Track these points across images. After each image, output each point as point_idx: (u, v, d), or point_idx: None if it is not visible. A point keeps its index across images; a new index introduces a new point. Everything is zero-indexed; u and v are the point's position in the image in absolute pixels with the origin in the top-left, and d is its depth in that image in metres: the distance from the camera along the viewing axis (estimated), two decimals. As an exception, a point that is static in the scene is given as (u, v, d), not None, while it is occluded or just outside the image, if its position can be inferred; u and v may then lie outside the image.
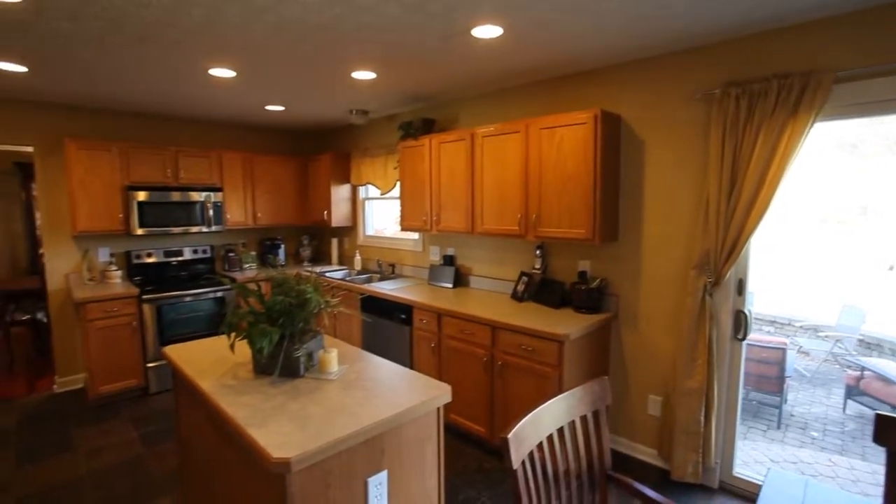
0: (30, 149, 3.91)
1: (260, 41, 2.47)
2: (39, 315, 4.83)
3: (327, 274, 4.50)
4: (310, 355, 1.87)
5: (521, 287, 3.35)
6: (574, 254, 3.19)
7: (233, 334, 1.78)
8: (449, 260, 3.95)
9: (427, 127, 3.78)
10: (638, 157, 2.84)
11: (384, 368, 1.94)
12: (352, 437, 1.41)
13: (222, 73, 3.00)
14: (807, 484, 1.53)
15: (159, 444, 3.14)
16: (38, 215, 6.37)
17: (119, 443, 3.17)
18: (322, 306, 1.82)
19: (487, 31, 2.34)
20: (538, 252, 3.30)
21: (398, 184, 4.28)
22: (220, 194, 4.43)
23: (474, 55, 2.73)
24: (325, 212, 4.79)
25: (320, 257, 5.52)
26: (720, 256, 2.44)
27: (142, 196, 4.01)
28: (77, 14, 2.12)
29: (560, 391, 2.58)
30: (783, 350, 3.81)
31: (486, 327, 2.92)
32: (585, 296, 2.94)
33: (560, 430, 1.49)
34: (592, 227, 2.74)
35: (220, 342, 2.30)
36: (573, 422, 1.54)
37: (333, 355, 1.85)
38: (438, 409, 1.73)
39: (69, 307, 4.03)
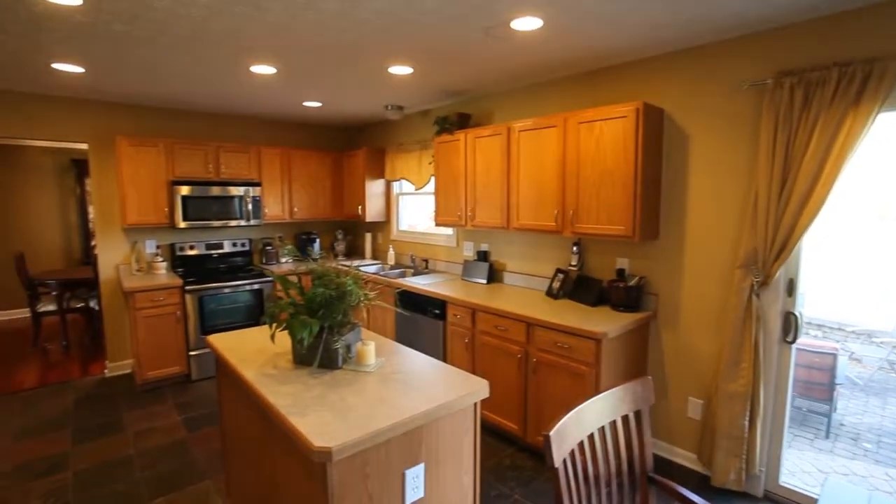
0: (85, 145, 4.12)
1: (300, 37, 2.51)
2: (92, 303, 5.09)
3: (361, 268, 4.55)
4: (348, 347, 1.89)
5: (556, 284, 3.30)
6: (612, 251, 3.11)
7: (274, 325, 1.83)
8: (483, 256, 3.93)
9: (462, 122, 3.76)
10: (681, 150, 2.75)
11: (420, 362, 1.95)
12: (391, 428, 1.42)
13: (263, 69, 3.07)
14: (870, 499, 1.44)
15: (201, 429, 3.26)
16: (90, 209, 6.71)
17: (165, 426, 3.31)
18: (361, 299, 1.83)
19: (527, 24, 2.30)
20: (575, 249, 3.24)
21: (432, 179, 4.30)
22: (258, 189, 4.55)
23: (513, 48, 2.70)
24: (360, 206, 4.85)
25: (354, 251, 5.60)
26: (769, 255, 2.33)
27: (185, 190, 4.16)
28: (130, 16, 2.21)
29: (596, 391, 2.54)
30: (834, 356, 3.61)
31: (521, 324, 2.89)
32: (624, 294, 2.87)
33: (601, 430, 1.46)
34: (632, 224, 2.66)
35: (260, 332, 2.36)
36: (614, 421, 1.50)
37: (371, 348, 1.87)
38: (475, 404, 1.72)
39: (119, 296, 4.23)
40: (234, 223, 4.45)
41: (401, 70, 3.12)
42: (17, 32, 2.43)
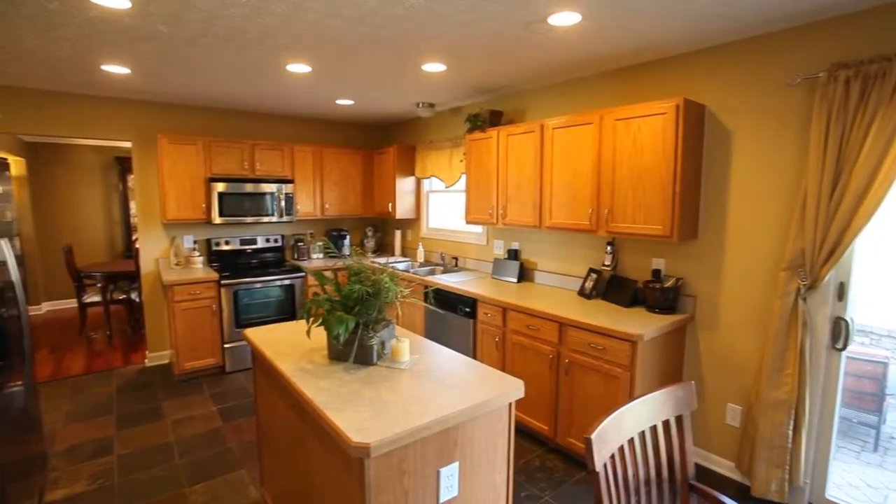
0: (128, 143, 4.28)
1: (336, 36, 2.53)
2: (133, 295, 5.29)
3: (391, 265, 4.58)
4: (382, 344, 1.91)
5: (589, 284, 3.24)
6: (648, 251, 3.03)
7: (311, 320, 1.85)
8: (513, 254, 3.90)
9: (495, 119, 3.73)
10: (723, 148, 2.65)
11: (454, 360, 1.94)
12: (427, 426, 1.42)
13: (299, 68, 3.12)
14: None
15: (235, 420, 3.35)
16: (132, 204, 6.98)
17: (201, 415, 3.41)
18: (397, 297, 1.84)
19: (565, 18, 2.26)
20: (608, 248, 3.17)
21: (463, 176, 4.28)
22: (291, 186, 4.63)
23: (550, 44, 2.65)
24: (390, 204, 4.88)
25: (383, 248, 5.65)
26: (818, 257, 2.22)
27: (221, 187, 4.27)
28: (174, 17, 2.27)
29: (631, 394, 2.49)
30: (885, 364, 3.43)
31: (553, 324, 2.85)
32: (660, 295, 2.80)
33: (642, 435, 1.42)
34: (670, 224, 2.59)
35: (294, 327, 2.40)
36: (655, 426, 1.46)
37: (406, 345, 1.88)
38: (510, 404, 1.70)
39: (159, 289, 4.39)
40: (267, 219, 4.55)
41: (434, 67, 3.11)
42: (72, 37, 2.53)
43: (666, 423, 1.50)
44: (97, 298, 5.21)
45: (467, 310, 3.48)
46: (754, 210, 2.54)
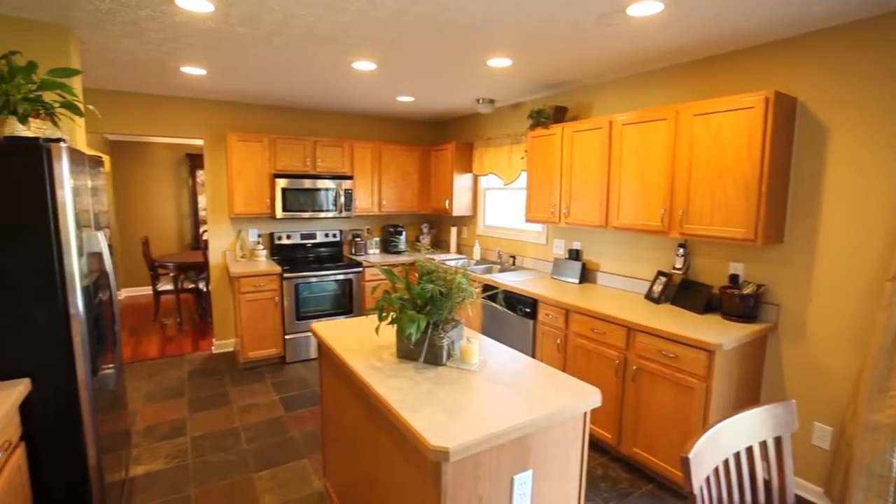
0: (200, 141, 4.50)
1: (405, 32, 2.53)
2: (201, 284, 5.59)
3: (447, 262, 4.57)
4: (451, 344, 1.88)
5: (657, 287, 3.09)
6: (724, 254, 2.85)
7: (382, 317, 1.85)
8: (575, 254, 3.79)
9: (559, 115, 3.62)
10: (817, 145, 2.43)
11: (523, 363, 1.89)
12: (504, 433, 1.38)
13: (364, 66, 3.15)
14: None
15: (296, 410, 3.45)
16: (200, 199, 7.37)
17: (264, 403, 3.55)
18: (470, 297, 1.81)
19: (646, 8, 2.14)
20: (680, 251, 3.00)
21: (522, 174, 4.20)
22: (350, 182, 4.72)
23: (624, 35, 2.53)
24: (447, 200, 4.87)
25: (438, 245, 5.66)
26: (933, 267, 1.99)
27: (284, 183, 4.41)
28: (252, 18, 2.34)
29: (706, 407, 2.34)
30: None
31: (620, 328, 2.73)
32: (738, 302, 2.61)
33: (737, 455, 1.32)
34: (754, 227, 2.41)
35: (357, 323, 2.43)
36: (751, 448, 1.35)
37: (476, 346, 1.85)
38: (585, 413, 1.63)
39: (225, 280, 4.60)
40: (325, 215, 4.65)
41: (500, 63, 3.05)
42: (158, 41, 2.68)
43: (763, 445, 1.38)
44: (169, 287, 5.54)
45: (527, 310, 3.41)
46: (852, 213, 2.32)
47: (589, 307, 2.93)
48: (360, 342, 2.12)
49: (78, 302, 1.76)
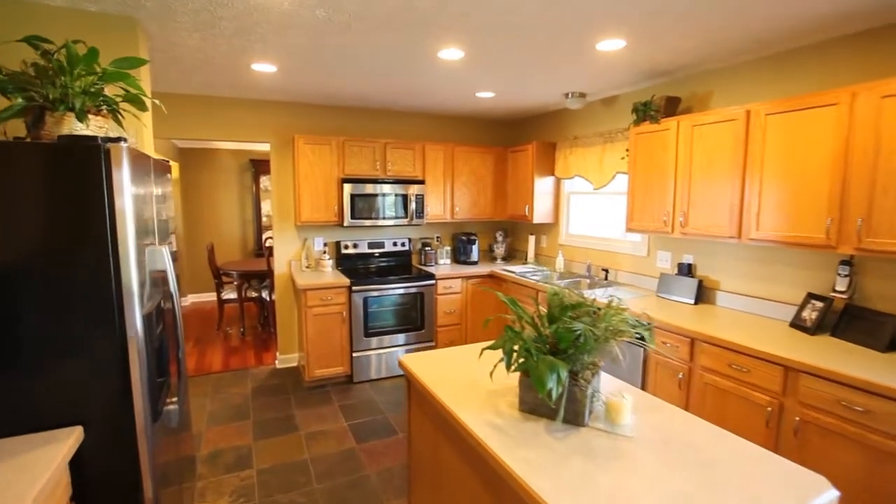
0: (266, 145, 4.31)
1: (499, 16, 2.12)
2: (264, 293, 5.43)
3: (528, 275, 4.11)
4: (593, 396, 1.43)
5: (809, 314, 2.49)
6: (914, 276, 2.22)
7: (510, 365, 1.43)
8: (686, 269, 3.22)
9: (670, 107, 3.09)
10: None
11: (694, 427, 1.41)
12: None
13: (451, 54, 2.77)
14: None
15: (369, 440, 3.10)
16: (263, 205, 7.32)
17: (333, 431, 3.22)
18: (627, 335, 1.36)
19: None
20: (843, 269, 2.39)
21: (616, 177, 3.68)
22: (422, 187, 4.36)
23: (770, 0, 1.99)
24: (527, 206, 4.41)
25: (513, 255, 5.19)
26: None
27: (353, 188, 4.12)
28: (330, 1, 2.01)
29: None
30: None
31: (774, 367, 2.17)
32: (946, 341, 1.99)
33: None
34: (981, 241, 1.79)
35: (455, 355, 2.02)
36: None
37: (629, 402, 1.39)
38: (816, 517, 1.13)
39: (290, 291, 4.37)
40: (396, 222, 4.31)
41: (612, 45, 2.58)
42: (230, 33, 2.41)
43: None
44: (233, 295, 5.41)
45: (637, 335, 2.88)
46: None
47: (725, 337, 2.38)
48: (467, 385, 1.71)
49: (137, 328, 1.46)
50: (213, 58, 2.86)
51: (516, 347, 1.43)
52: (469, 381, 1.73)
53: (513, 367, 1.38)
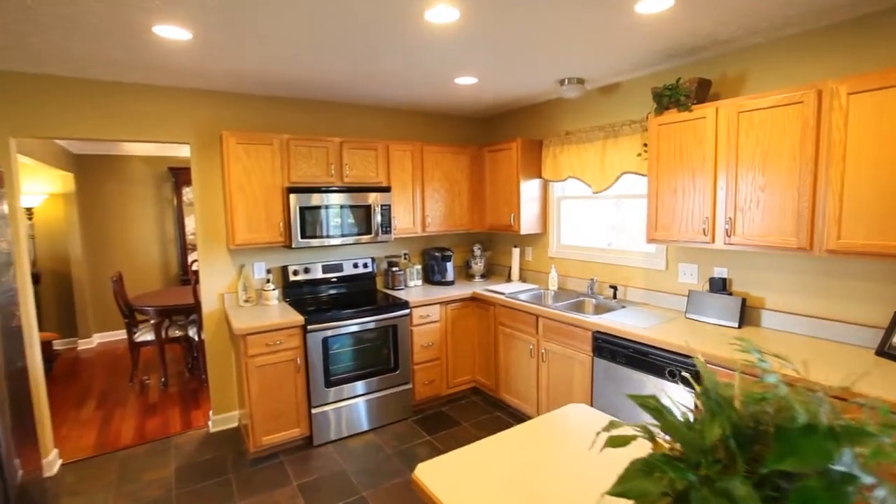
0: (186, 146, 3.36)
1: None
2: (191, 331, 4.40)
3: (519, 296, 3.45)
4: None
5: (904, 342, 2.00)
6: None
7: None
8: (720, 284, 2.69)
9: (702, 92, 2.55)
10: None
11: None
12: None
13: (442, 13, 2.04)
14: None
15: (344, 539, 2.29)
16: (187, 221, 6.18)
17: (293, 529, 2.37)
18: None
19: None
20: (945, 285, 1.92)
21: (622, 177, 3.12)
22: (387, 195, 3.59)
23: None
24: (512, 215, 3.74)
25: (492, 271, 4.51)
26: None
27: (302, 200, 3.27)
28: None
29: None
30: None
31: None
32: None
33: None
34: None
35: (485, 454, 1.29)
36: None
37: None
38: None
39: (223, 332, 3.43)
40: (355, 239, 3.50)
41: (658, 5, 1.97)
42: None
43: None
44: (150, 336, 4.34)
45: (670, 372, 2.29)
46: None
47: (804, 374, 1.82)
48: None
49: None
50: (90, 12, 1.95)
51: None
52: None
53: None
